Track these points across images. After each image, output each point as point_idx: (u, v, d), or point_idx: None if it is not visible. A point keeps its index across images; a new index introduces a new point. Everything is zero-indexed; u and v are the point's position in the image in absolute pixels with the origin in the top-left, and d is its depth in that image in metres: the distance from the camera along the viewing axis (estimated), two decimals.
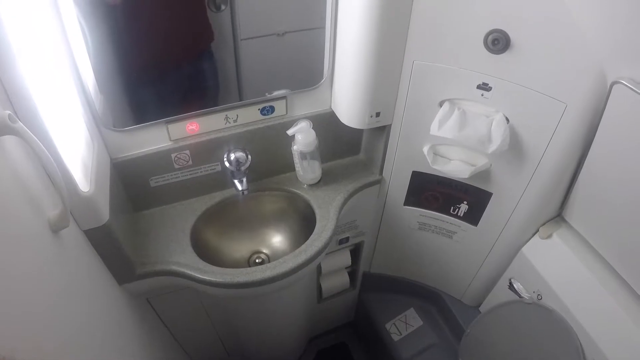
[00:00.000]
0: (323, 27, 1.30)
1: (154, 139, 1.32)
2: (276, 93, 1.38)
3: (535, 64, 1.14)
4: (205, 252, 1.38)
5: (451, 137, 1.29)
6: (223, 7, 1.17)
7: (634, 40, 1.00)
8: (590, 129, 1.17)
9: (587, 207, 1.36)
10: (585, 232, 1.42)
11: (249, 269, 1.29)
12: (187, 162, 1.39)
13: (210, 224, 1.47)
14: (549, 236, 1.50)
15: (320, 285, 1.94)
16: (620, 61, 1.04)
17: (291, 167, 1.54)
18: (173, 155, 1.35)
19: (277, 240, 1.58)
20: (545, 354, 1.54)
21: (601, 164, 1.22)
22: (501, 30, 1.12)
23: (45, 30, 0.98)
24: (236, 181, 1.42)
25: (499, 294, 1.74)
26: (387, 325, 2.05)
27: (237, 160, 1.41)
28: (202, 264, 1.30)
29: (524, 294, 1.61)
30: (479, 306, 1.93)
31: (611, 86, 1.07)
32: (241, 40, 1.24)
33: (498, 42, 1.13)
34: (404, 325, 2.05)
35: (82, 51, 1.06)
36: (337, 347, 2.42)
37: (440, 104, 1.33)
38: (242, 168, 1.42)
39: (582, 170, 1.27)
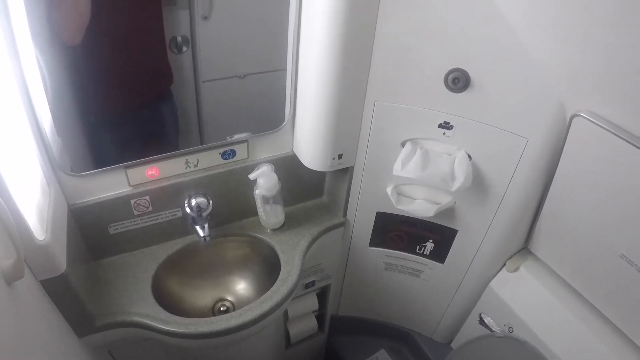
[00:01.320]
0: (284, 70, 1.30)
1: (112, 184, 1.27)
2: (237, 137, 1.36)
3: (496, 101, 1.16)
4: (168, 301, 1.33)
5: (414, 177, 1.29)
6: (185, 48, 1.16)
7: (591, 74, 1.03)
8: (552, 162, 1.19)
9: (552, 238, 1.37)
10: (552, 263, 1.43)
11: (213, 318, 1.25)
12: (147, 208, 1.34)
13: (173, 272, 1.42)
14: (516, 269, 1.51)
15: (287, 330, 1.89)
16: (579, 95, 1.07)
17: (254, 212, 1.50)
18: (132, 201, 1.30)
19: (241, 287, 1.54)
20: None
21: (564, 195, 1.24)
22: (461, 69, 1.14)
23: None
24: (198, 227, 1.38)
25: (470, 330, 1.73)
26: None
27: (198, 205, 1.37)
28: (164, 314, 1.24)
29: (495, 328, 1.61)
30: (451, 343, 1.91)
31: (571, 119, 1.09)
32: (202, 82, 1.23)
33: (458, 81, 1.15)
34: None
35: (40, 92, 1.02)
36: None
37: (403, 144, 1.33)
38: (204, 214, 1.38)
39: (546, 202, 1.29)
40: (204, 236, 1.37)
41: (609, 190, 1.13)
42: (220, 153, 1.37)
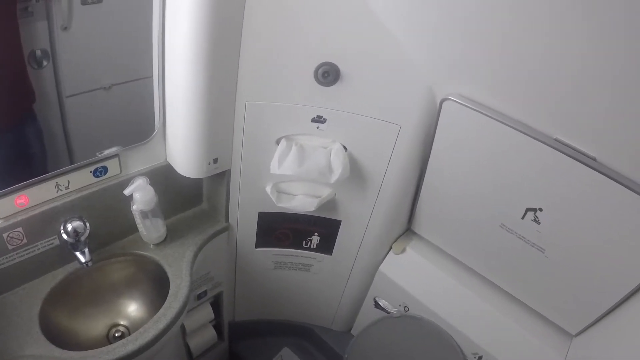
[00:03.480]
0: (151, 77, 1.23)
1: None
2: (107, 152, 1.27)
3: (366, 91, 1.16)
4: (60, 337, 1.25)
5: (292, 174, 1.27)
6: (45, 62, 1.07)
7: (459, 60, 1.07)
8: (425, 145, 1.22)
9: (433, 217, 1.42)
10: (435, 240, 1.49)
11: (110, 346, 1.18)
12: (22, 240, 1.23)
13: (60, 305, 1.33)
14: (403, 250, 1.55)
15: (188, 345, 1.82)
16: (447, 79, 1.11)
17: (134, 229, 1.43)
18: (5, 235, 1.19)
19: (133, 308, 1.47)
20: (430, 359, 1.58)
21: (439, 175, 1.28)
22: (330, 63, 1.13)
23: None
24: (78, 253, 1.29)
25: (368, 314, 1.76)
26: None
27: (75, 230, 1.28)
28: (58, 351, 1.16)
29: (391, 309, 1.64)
30: (350, 330, 1.93)
31: (441, 103, 1.13)
32: (66, 97, 1.15)
33: (328, 75, 1.14)
34: None
35: None
36: None
37: (278, 142, 1.30)
38: (82, 238, 1.29)
39: (424, 183, 1.33)
40: (86, 262, 1.29)
41: (481, 165, 1.19)
42: (91, 171, 1.28)
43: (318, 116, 1.23)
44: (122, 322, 1.45)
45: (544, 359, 1.36)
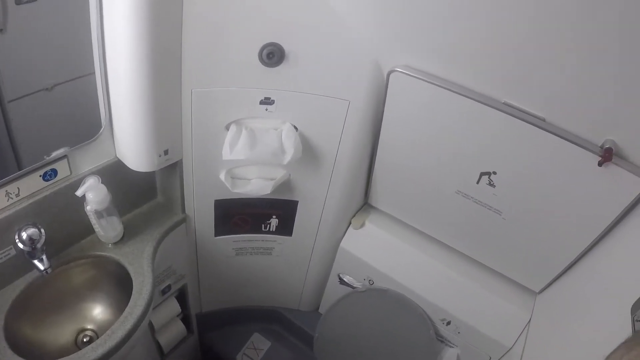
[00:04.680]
0: (93, 73, 1.19)
1: None
2: (55, 153, 1.23)
3: (313, 70, 1.16)
4: (28, 348, 1.22)
5: (244, 158, 1.26)
6: None
7: (403, 31, 1.08)
8: (376, 119, 1.24)
9: (388, 189, 1.44)
10: (393, 211, 1.51)
11: (79, 352, 1.16)
12: None
13: (24, 316, 1.30)
14: (362, 225, 1.57)
15: (158, 342, 1.80)
16: (393, 51, 1.11)
17: (91, 230, 1.39)
18: None
19: (99, 311, 1.45)
20: (397, 330, 1.63)
21: (392, 147, 1.30)
22: (274, 43, 1.11)
23: None
24: (36, 261, 1.26)
25: (334, 292, 1.78)
26: (238, 357, 1.98)
27: (30, 238, 1.24)
28: None
29: (356, 284, 1.66)
30: (318, 309, 1.95)
31: (388, 75, 1.14)
32: (8, 102, 1.11)
33: (273, 56, 1.13)
34: (254, 352, 2.00)
35: None
36: None
37: (228, 127, 1.28)
38: (38, 245, 1.25)
39: (377, 156, 1.34)
40: (45, 269, 1.26)
41: (432, 134, 1.21)
42: (40, 175, 1.23)
43: (266, 98, 1.22)
44: (89, 327, 1.43)
45: (511, 318, 1.40)
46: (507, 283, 1.44)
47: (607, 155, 0.97)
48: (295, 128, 1.27)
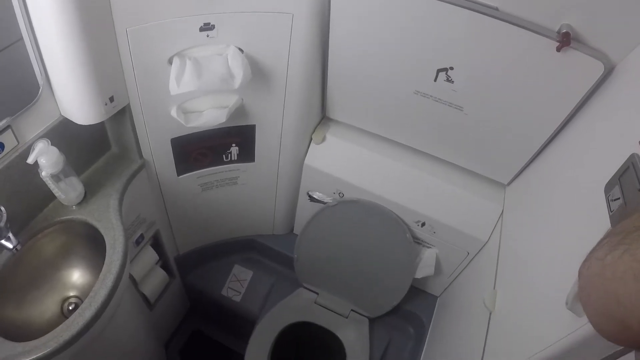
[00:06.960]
0: (21, 38, 1.12)
1: None
2: None
3: None
4: (15, 330, 1.21)
5: (193, 89, 1.22)
6: None
7: None
8: (323, 28, 1.20)
9: (345, 99, 1.43)
10: (352, 120, 1.51)
11: (67, 321, 1.15)
12: None
13: (3, 300, 1.28)
14: (323, 139, 1.56)
15: (142, 293, 1.81)
16: None
17: (52, 196, 1.35)
18: None
19: (77, 276, 1.44)
20: (374, 238, 1.67)
21: (343, 55, 1.28)
22: None
23: None
24: (3, 241, 1.22)
25: (306, 211, 1.79)
26: (224, 292, 2.02)
27: None
28: (20, 346, 1.12)
29: (327, 200, 1.68)
30: (292, 230, 1.98)
31: None
32: None
33: None
34: (238, 284, 2.03)
35: None
36: (194, 337, 2.31)
37: (171, 61, 1.23)
38: (1, 224, 1.22)
39: (329, 67, 1.32)
40: (14, 247, 1.23)
41: (383, 37, 1.19)
42: None
43: (205, 24, 1.17)
44: (72, 294, 1.43)
45: (484, 212, 1.45)
46: (476, 179, 1.48)
47: (565, 39, 0.97)
48: (241, 50, 1.23)
